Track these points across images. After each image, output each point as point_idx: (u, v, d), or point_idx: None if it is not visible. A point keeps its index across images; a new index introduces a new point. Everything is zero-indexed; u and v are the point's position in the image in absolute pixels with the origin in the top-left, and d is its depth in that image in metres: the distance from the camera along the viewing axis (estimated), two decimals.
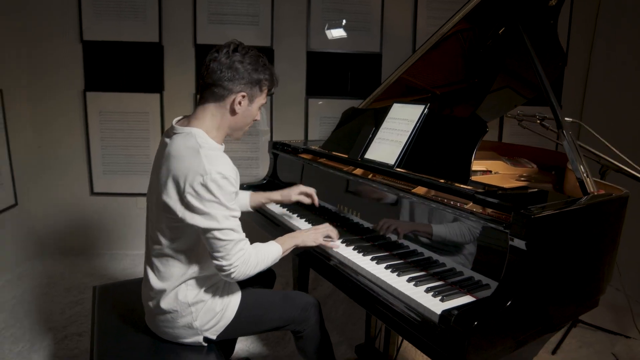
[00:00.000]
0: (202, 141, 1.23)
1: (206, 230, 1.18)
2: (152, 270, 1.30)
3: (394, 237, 1.52)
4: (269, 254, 1.33)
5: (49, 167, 3.05)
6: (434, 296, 1.18)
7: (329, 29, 3.14)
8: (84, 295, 2.56)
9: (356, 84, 3.21)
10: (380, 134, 1.80)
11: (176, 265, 1.28)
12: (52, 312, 2.38)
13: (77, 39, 2.91)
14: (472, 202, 1.27)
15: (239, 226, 1.24)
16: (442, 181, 1.42)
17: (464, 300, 1.17)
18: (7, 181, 2.76)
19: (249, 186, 2.33)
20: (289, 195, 1.75)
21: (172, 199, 1.20)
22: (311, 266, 1.64)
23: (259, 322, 1.42)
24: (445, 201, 1.36)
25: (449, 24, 1.83)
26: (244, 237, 1.26)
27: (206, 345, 1.35)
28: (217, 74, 1.25)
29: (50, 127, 3.01)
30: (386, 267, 1.37)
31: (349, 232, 1.71)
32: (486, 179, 1.84)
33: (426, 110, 1.68)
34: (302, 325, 1.45)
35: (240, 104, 1.29)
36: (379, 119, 1.84)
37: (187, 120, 1.31)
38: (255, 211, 2.11)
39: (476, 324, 0.98)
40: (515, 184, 1.83)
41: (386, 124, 1.80)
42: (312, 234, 1.51)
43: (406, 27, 3.16)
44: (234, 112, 1.29)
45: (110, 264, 3.05)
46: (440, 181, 1.42)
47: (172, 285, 1.28)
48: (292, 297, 1.48)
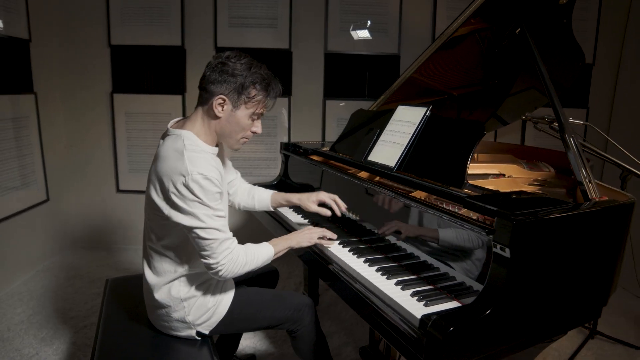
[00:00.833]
0: (189, 143, 1.27)
1: (190, 229, 1.23)
2: (148, 265, 1.37)
3: (392, 240, 1.52)
4: (258, 254, 1.36)
5: (79, 166, 3.23)
6: (418, 300, 1.18)
7: (354, 29, 3.14)
8: None
9: (374, 85, 3.20)
10: (384, 136, 1.80)
11: (167, 261, 1.33)
12: (76, 303, 2.52)
13: (106, 43, 3.06)
14: (463, 206, 1.26)
15: (224, 226, 1.27)
16: (438, 185, 1.41)
17: (449, 305, 1.16)
18: (40, 178, 2.94)
19: (259, 186, 2.38)
20: (307, 204, 1.61)
21: (159, 198, 1.25)
22: (309, 266, 1.65)
23: (252, 320, 1.45)
24: (438, 205, 1.35)
25: (455, 25, 1.80)
26: (230, 236, 1.29)
27: (199, 339, 1.40)
28: (205, 78, 1.28)
29: (80, 127, 3.18)
30: (377, 270, 1.37)
31: (349, 233, 1.72)
32: (494, 182, 1.80)
33: (428, 112, 1.66)
34: (296, 324, 1.47)
35: (221, 107, 1.28)
36: (384, 121, 1.84)
37: (182, 122, 1.36)
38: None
39: (452, 329, 0.98)
40: (523, 189, 1.78)
41: (390, 126, 1.80)
42: (306, 234, 1.53)
43: (425, 27, 3.12)
44: (215, 116, 1.29)
45: (134, 258, 3.19)
46: (435, 185, 1.41)
47: (165, 280, 1.34)
48: (285, 296, 1.51)
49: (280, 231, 2.03)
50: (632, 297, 2.72)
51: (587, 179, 1.33)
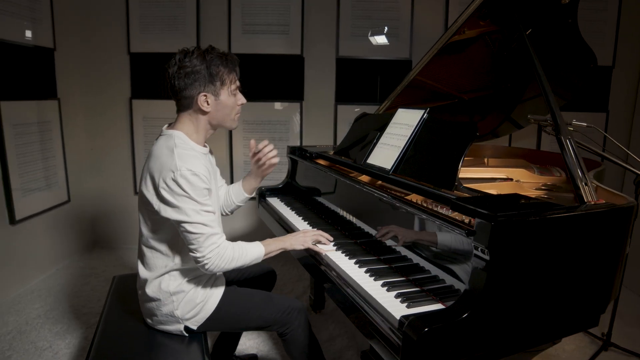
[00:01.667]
0: (179, 142, 1.33)
1: (178, 222, 1.28)
2: (140, 259, 1.42)
3: (388, 243, 1.51)
4: (247, 252, 1.39)
5: (99, 168, 3.36)
6: (402, 302, 1.17)
7: (372, 35, 3.16)
8: None
9: (385, 90, 3.20)
10: (383, 139, 1.80)
11: (159, 256, 1.38)
12: (90, 300, 2.61)
13: (125, 51, 3.19)
14: (449, 208, 1.24)
15: (212, 221, 1.31)
16: (430, 187, 1.40)
17: (433, 307, 1.15)
18: (62, 180, 3.08)
19: (267, 189, 2.42)
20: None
21: (150, 193, 1.32)
22: (305, 268, 1.67)
23: (239, 319, 1.47)
24: (421, 205, 1.34)
25: (454, 27, 1.80)
26: (217, 232, 1.33)
27: (187, 335, 1.44)
28: (173, 89, 1.34)
29: (100, 131, 3.31)
30: (366, 271, 1.37)
31: (347, 235, 1.73)
32: (497, 186, 1.77)
33: (425, 115, 1.66)
34: (285, 327, 1.48)
35: (207, 102, 1.35)
36: (385, 124, 1.84)
37: (173, 125, 1.42)
38: (265, 211, 2.19)
39: (426, 330, 0.97)
40: (527, 193, 1.74)
41: (389, 129, 1.80)
42: (300, 237, 1.55)
43: (437, 32, 3.10)
44: (204, 112, 1.37)
45: None
46: (427, 187, 1.40)
47: (156, 274, 1.39)
48: (274, 299, 1.53)
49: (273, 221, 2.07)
50: None
51: (583, 182, 1.29)
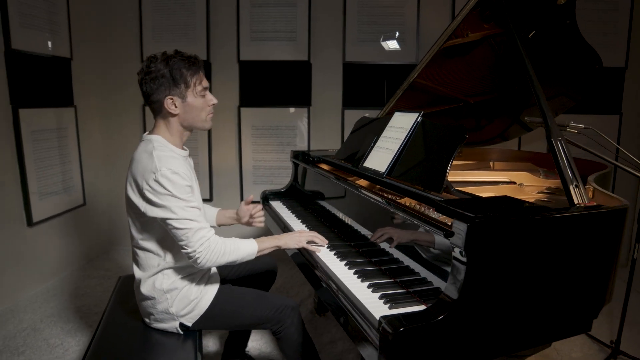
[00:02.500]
0: (157, 144, 1.38)
1: (164, 221, 1.32)
2: (134, 260, 1.47)
3: (382, 245, 1.51)
4: (239, 247, 1.42)
5: (113, 173, 3.46)
6: (385, 303, 1.18)
7: (384, 40, 3.18)
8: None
9: (392, 95, 3.19)
10: (379, 142, 1.81)
11: (150, 256, 1.43)
12: (102, 300, 2.69)
13: (138, 59, 3.29)
14: (435, 210, 1.25)
15: (198, 216, 1.35)
16: (420, 189, 1.40)
17: (415, 309, 1.15)
18: (78, 184, 3.20)
19: (270, 192, 2.46)
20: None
21: (136, 196, 1.36)
22: (299, 268, 1.69)
23: (233, 317, 1.51)
24: (402, 205, 1.35)
25: (448, 30, 1.80)
26: (205, 226, 1.37)
27: (182, 333, 1.48)
28: (145, 94, 1.39)
29: (115, 137, 3.43)
30: (355, 272, 1.39)
31: (342, 238, 1.74)
32: (495, 190, 1.76)
33: (419, 118, 1.66)
34: (278, 325, 1.51)
35: (174, 105, 1.37)
36: (382, 127, 1.85)
37: (152, 131, 1.47)
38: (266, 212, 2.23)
39: (402, 330, 0.98)
40: (527, 197, 1.72)
41: (385, 133, 1.81)
42: (296, 236, 1.59)
43: None
44: (173, 115, 1.40)
45: None
46: (416, 189, 1.41)
47: (149, 274, 1.43)
48: (268, 297, 1.55)
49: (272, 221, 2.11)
50: None
51: (573, 184, 1.28)
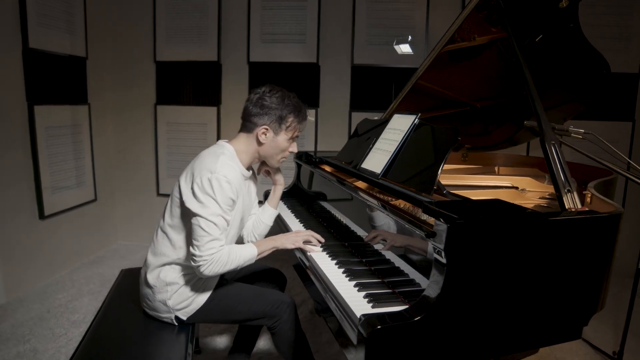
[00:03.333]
0: (227, 153, 1.49)
1: (194, 214, 1.38)
2: (151, 246, 1.55)
3: (377, 247, 1.51)
4: (241, 254, 1.47)
5: (124, 169, 3.55)
6: (368, 302, 1.18)
7: (397, 44, 3.18)
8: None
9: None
10: (377, 144, 1.82)
11: (167, 244, 1.49)
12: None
13: (152, 59, 3.37)
14: (422, 211, 1.25)
15: (223, 228, 1.40)
16: (412, 190, 1.40)
17: (397, 309, 1.15)
18: (89, 180, 3.28)
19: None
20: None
21: (185, 183, 1.44)
22: (295, 270, 1.71)
23: (229, 312, 1.54)
24: (389, 203, 1.36)
25: (447, 34, 1.79)
26: (222, 239, 1.41)
27: (177, 324, 1.52)
28: (247, 111, 1.53)
29: (126, 135, 3.51)
30: (344, 272, 1.39)
31: (337, 238, 1.75)
32: (492, 194, 1.75)
33: (416, 120, 1.66)
34: (273, 320, 1.53)
35: (265, 135, 1.51)
36: (382, 129, 1.86)
37: (231, 140, 1.57)
38: None
39: (379, 328, 0.98)
40: (526, 202, 1.70)
41: (384, 134, 1.81)
42: (292, 237, 1.61)
43: None
44: (260, 143, 1.53)
45: None
46: (408, 190, 1.41)
47: (159, 263, 1.50)
48: (264, 293, 1.58)
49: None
50: None
51: (565, 189, 1.26)
